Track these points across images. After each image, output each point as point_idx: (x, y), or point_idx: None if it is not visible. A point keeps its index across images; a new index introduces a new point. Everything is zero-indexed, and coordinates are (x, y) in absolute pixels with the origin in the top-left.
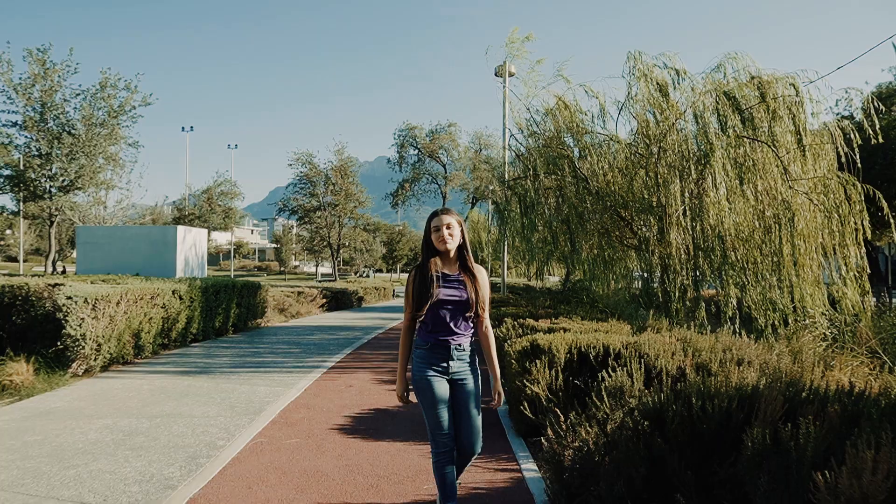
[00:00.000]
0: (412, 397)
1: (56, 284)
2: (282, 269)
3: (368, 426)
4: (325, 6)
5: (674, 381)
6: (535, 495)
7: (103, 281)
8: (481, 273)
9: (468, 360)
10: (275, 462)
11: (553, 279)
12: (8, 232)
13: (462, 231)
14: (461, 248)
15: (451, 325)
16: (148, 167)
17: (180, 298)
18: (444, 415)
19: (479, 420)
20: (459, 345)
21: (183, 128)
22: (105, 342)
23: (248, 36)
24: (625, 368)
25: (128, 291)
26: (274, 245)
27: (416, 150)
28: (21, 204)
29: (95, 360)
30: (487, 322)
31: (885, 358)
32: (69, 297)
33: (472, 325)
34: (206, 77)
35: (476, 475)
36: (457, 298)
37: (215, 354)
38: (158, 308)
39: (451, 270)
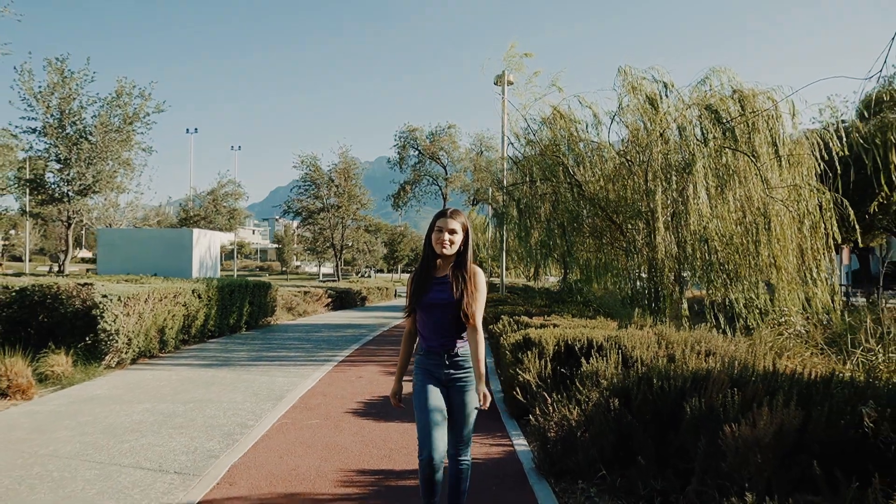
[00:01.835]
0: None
1: (86, 284)
2: (283, 269)
3: (379, 410)
4: (324, 6)
5: (645, 367)
6: (524, 464)
7: (126, 280)
8: (476, 277)
9: (469, 365)
10: (300, 438)
11: (552, 279)
12: (11, 232)
13: (466, 236)
14: (462, 251)
15: (444, 329)
16: (157, 170)
17: (199, 297)
18: (434, 418)
19: (469, 426)
20: (454, 351)
21: (187, 129)
22: (135, 337)
23: (249, 36)
24: (605, 358)
25: (154, 290)
26: (275, 245)
27: (417, 152)
28: (29, 206)
29: (126, 353)
30: (479, 327)
31: (828, 350)
32: (104, 296)
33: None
34: (206, 77)
35: (474, 449)
36: (444, 301)
37: (232, 349)
38: (180, 306)
39: (444, 272)
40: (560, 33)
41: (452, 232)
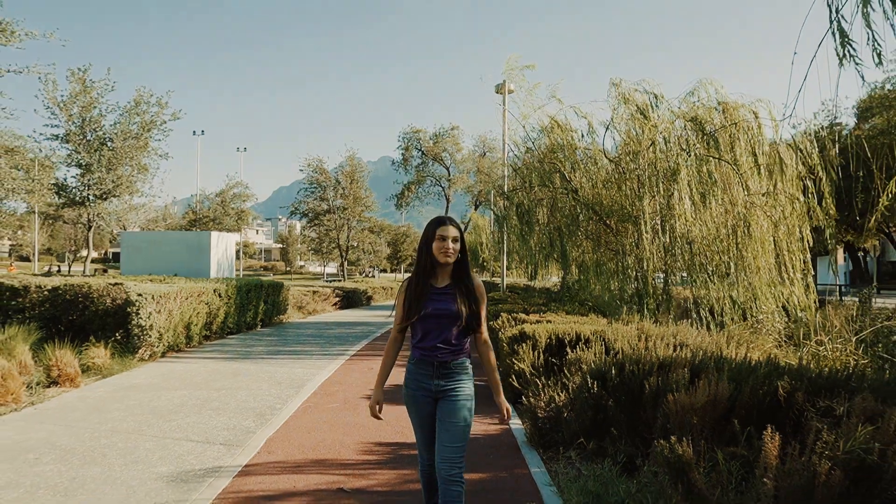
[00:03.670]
0: (382, 413)
1: (116, 283)
2: (288, 269)
3: (391, 396)
4: (324, 5)
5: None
6: (518, 438)
7: (150, 280)
8: (477, 285)
9: (460, 377)
10: (323, 418)
11: (553, 280)
12: (19, 233)
13: (462, 242)
14: (461, 259)
15: (439, 339)
16: (169, 172)
17: (220, 296)
18: (427, 433)
19: (458, 440)
20: (446, 361)
21: (194, 131)
22: (165, 332)
23: (252, 36)
24: (590, 349)
25: (181, 290)
26: (279, 245)
27: (420, 153)
28: (47, 208)
29: (157, 347)
30: (486, 336)
31: (790, 342)
32: (139, 294)
33: (464, 339)
34: (207, 76)
35: (474, 427)
36: (446, 312)
37: (251, 345)
38: (203, 304)
39: (444, 281)
40: (562, 33)
41: (455, 240)
